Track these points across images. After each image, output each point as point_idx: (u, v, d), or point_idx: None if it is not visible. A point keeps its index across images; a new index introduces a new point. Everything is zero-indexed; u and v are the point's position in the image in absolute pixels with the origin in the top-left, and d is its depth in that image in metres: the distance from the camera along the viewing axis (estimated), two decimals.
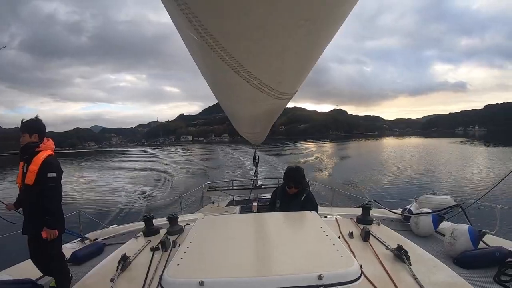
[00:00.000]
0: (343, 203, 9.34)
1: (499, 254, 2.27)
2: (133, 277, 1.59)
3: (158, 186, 17.57)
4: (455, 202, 3.29)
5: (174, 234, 2.28)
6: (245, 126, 2.84)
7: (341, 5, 0.65)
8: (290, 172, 2.84)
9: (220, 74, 0.93)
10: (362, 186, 14.40)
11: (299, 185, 2.77)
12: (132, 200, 13.74)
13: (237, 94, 1.20)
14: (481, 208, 3.26)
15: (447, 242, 2.58)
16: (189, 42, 0.78)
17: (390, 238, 2.02)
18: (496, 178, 12.49)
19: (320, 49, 0.87)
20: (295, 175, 2.80)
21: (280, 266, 1.27)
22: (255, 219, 2.23)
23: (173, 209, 8.38)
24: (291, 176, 2.80)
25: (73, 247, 3.12)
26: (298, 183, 2.77)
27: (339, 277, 1.12)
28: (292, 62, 0.87)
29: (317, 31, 0.71)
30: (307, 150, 47.27)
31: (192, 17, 0.59)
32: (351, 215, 2.79)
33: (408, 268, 1.51)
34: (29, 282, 2.25)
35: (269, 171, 19.17)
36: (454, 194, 8.81)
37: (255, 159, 6.12)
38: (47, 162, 2.30)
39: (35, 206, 2.26)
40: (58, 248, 2.42)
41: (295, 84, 1.17)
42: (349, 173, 19.73)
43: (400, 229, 3.11)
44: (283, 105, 1.70)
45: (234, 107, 1.72)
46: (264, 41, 0.70)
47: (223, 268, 1.26)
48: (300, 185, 2.78)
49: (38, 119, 2.47)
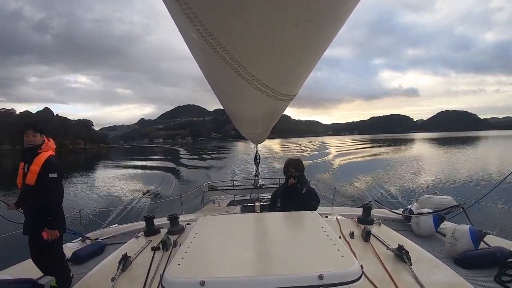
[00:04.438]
0: (344, 203, 9.35)
1: (500, 254, 2.26)
2: (134, 277, 1.59)
3: (161, 185, 17.67)
4: (456, 202, 3.29)
5: (175, 234, 2.28)
6: (246, 126, 2.84)
7: (342, 6, 0.65)
8: (290, 160, 2.95)
9: (221, 75, 0.93)
10: (363, 186, 14.42)
11: (299, 171, 2.82)
12: (133, 200, 13.76)
13: (238, 95, 1.20)
14: (482, 209, 3.26)
15: (448, 242, 2.58)
16: (191, 42, 0.78)
17: (391, 238, 2.01)
18: (496, 178, 12.48)
19: (321, 50, 0.87)
20: (295, 162, 2.92)
21: (281, 266, 1.27)
22: (256, 219, 2.23)
23: (174, 209, 8.39)
24: (292, 162, 2.90)
25: (74, 246, 3.12)
26: (298, 169, 2.83)
27: (340, 277, 1.12)
28: (292, 63, 0.87)
29: (317, 32, 0.71)
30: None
31: (193, 17, 0.59)
32: (352, 215, 2.79)
33: (409, 268, 1.51)
34: (29, 281, 2.25)
35: (270, 171, 19.19)
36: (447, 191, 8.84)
37: (256, 159, 6.12)
38: (49, 162, 2.30)
39: (36, 207, 2.26)
40: (59, 248, 2.43)
41: (295, 86, 1.17)
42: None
43: (401, 229, 3.10)
44: (284, 107, 1.70)
45: (235, 107, 1.72)
46: (264, 42, 0.70)
47: (224, 267, 1.26)
48: (300, 173, 2.83)
49: (42, 119, 2.46)
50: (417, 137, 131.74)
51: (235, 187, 6.97)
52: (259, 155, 6.13)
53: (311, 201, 2.76)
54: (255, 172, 6.20)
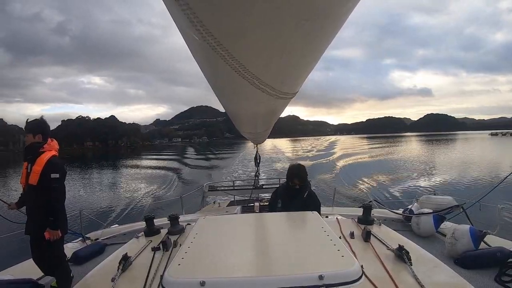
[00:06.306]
0: (345, 203, 9.36)
1: (500, 254, 2.26)
2: (134, 277, 1.59)
3: (163, 185, 17.81)
4: (456, 203, 3.28)
5: (175, 234, 2.28)
6: (246, 125, 2.84)
7: (342, 6, 0.65)
8: (294, 169, 2.83)
9: (221, 74, 0.93)
10: (364, 186, 14.46)
11: (303, 182, 2.77)
12: (134, 199, 13.77)
13: (238, 94, 1.20)
14: (482, 209, 3.25)
15: (448, 243, 2.57)
16: (191, 42, 0.78)
17: (391, 238, 2.01)
18: (496, 178, 12.49)
19: (321, 49, 0.87)
20: (299, 172, 2.81)
21: (281, 266, 1.27)
22: (256, 219, 2.23)
23: (174, 209, 8.38)
24: (295, 173, 2.80)
25: (74, 247, 3.12)
26: (303, 179, 2.77)
27: (340, 277, 1.12)
28: (292, 62, 0.87)
29: (317, 31, 0.71)
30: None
31: (193, 17, 0.59)
32: (352, 215, 2.79)
33: (409, 269, 1.51)
34: (30, 281, 2.25)
35: (270, 171, 19.21)
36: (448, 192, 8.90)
37: (256, 159, 6.11)
38: (51, 162, 2.30)
39: (38, 207, 2.26)
40: (60, 249, 2.43)
41: (296, 84, 1.17)
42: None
43: (401, 230, 3.10)
44: (284, 105, 1.70)
45: (235, 107, 1.72)
46: (264, 41, 0.70)
47: (224, 268, 1.26)
48: (304, 182, 2.79)
49: (42, 120, 2.48)
50: (407, 136, 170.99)
51: (235, 187, 6.97)
52: (259, 155, 6.13)
53: (312, 204, 2.75)
54: (255, 172, 6.20)
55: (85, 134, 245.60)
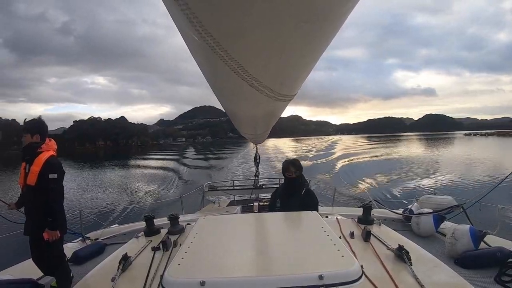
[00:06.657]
0: (344, 203, 9.35)
1: (500, 254, 2.26)
2: (134, 277, 1.59)
3: (164, 185, 17.81)
4: (456, 202, 3.28)
5: (175, 234, 2.28)
6: (246, 126, 2.84)
7: (341, 7, 0.65)
8: (288, 160, 2.99)
9: (221, 75, 0.93)
10: (364, 186, 14.47)
11: (298, 169, 2.85)
12: (134, 199, 13.77)
13: (237, 95, 1.20)
14: (482, 209, 3.25)
15: (448, 242, 2.57)
16: (190, 42, 0.78)
17: (391, 238, 2.01)
18: (496, 178, 12.49)
19: (320, 50, 0.87)
20: (294, 160, 2.96)
21: (281, 266, 1.27)
22: (256, 219, 2.23)
23: (174, 209, 8.40)
24: (289, 161, 2.93)
25: (74, 246, 3.12)
26: (298, 167, 2.85)
27: (340, 277, 1.12)
28: (291, 63, 0.87)
29: (316, 33, 0.71)
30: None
31: (193, 18, 0.59)
32: (352, 215, 2.79)
33: (409, 268, 1.51)
34: (30, 282, 2.25)
35: (271, 171, 19.21)
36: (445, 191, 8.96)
37: (256, 159, 6.11)
38: (49, 163, 2.29)
39: (37, 207, 2.26)
40: (59, 249, 2.43)
41: (295, 85, 1.17)
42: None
43: (401, 229, 3.10)
44: (283, 107, 1.70)
45: (235, 108, 1.72)
46: (263, 42, 0.70)
47: (224, 268, 1.26)
48: (300, 169, 2.86)
49: (40, 120, 2.47)
50: (405, 136, 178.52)
51: (235, 187, 6.97)
52: (259, 155, 6.13)
53: (310, 201, 2.76)
54: (255, 172, 6.20)
55: (96, 134, 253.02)
